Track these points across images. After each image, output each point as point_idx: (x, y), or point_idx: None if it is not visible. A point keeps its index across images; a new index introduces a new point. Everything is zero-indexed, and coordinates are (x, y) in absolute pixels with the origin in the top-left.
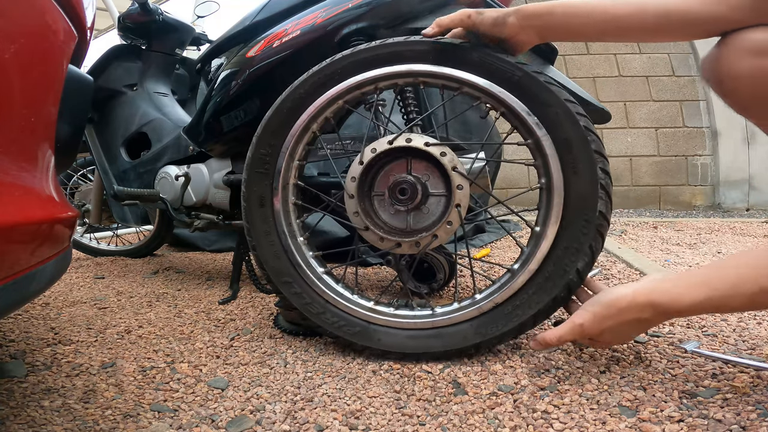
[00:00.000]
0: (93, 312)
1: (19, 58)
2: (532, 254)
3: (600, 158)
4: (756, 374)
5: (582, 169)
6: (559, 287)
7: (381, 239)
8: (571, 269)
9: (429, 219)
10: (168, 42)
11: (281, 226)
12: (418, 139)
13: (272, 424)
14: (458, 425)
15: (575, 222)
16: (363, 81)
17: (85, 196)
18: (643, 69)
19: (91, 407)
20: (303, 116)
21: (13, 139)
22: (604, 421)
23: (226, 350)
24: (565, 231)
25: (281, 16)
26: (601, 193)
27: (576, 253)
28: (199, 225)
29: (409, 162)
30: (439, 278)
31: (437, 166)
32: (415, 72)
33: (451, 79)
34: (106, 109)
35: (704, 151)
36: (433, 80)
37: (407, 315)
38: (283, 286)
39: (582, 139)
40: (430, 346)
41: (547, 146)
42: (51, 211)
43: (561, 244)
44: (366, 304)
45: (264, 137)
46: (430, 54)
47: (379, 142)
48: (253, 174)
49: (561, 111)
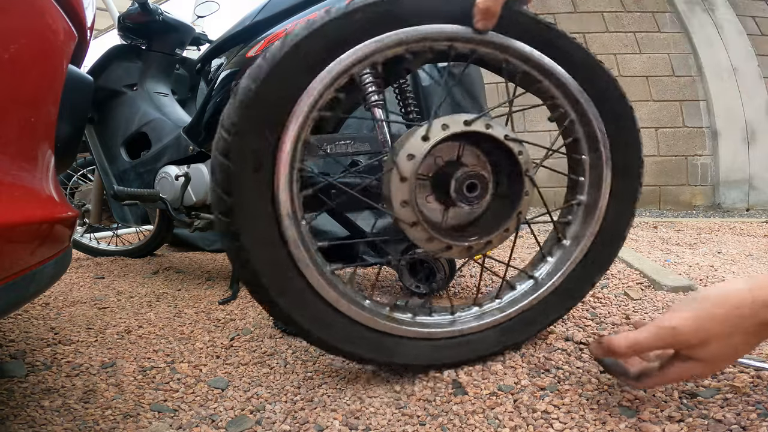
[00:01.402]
0: (93, 312)
1: (19, 58)
2: (558, 268)
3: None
4: (756, 374)
5: (622, 190)
6: (578, 298)
7: (430, 239)
8: (592, 281)
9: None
10: (168, 42)
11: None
12: (498, 128)
13: (272, 424)
14: (458, 425)
15: (609, 240)
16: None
17: (85, 196)
18: (643, 69)
19: (91, 407)
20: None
21: (13, 139)
22: (604, 421)
23: (226, 350)
24: (595, 247)
25: (281, 16)
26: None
27: (601, 267)
28: (199, 225)
29: (480, 152)
30: (439, 278)
31: (507, 165)
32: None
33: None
34: (106, 109)
35: (704, 151)
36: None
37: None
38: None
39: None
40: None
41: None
42: (51, 211)
43: (589, 260)
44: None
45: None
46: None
47: (453, 119)
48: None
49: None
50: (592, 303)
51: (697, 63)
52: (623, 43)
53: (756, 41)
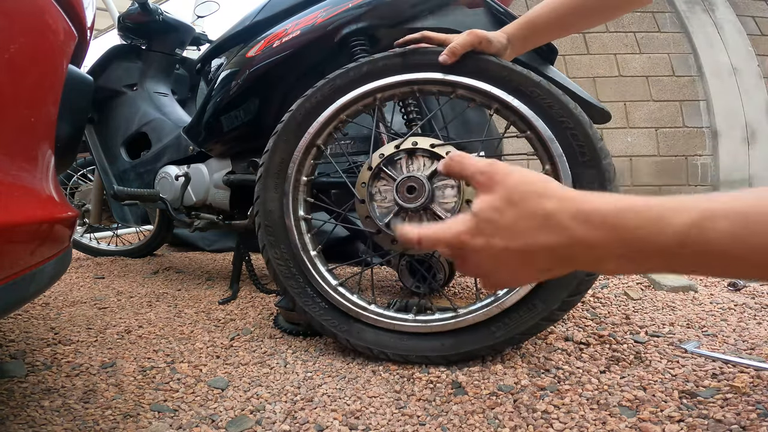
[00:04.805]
0: (93, 312)
1: (20, 58)
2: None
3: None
4: (756, 374)
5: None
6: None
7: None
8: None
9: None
10: (168, 42)
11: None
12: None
13: (272, 424)
14: (458, 425)
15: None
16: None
17: (85, 196)
18: (643, 69)
19: (91, 407)
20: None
21: (13, 139)
22: (604, 421)
23: (226, 350)
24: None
25: (281, 16)
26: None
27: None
28: (199, 225)
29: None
30: (439, 278)
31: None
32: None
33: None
34: (106, 109)
35: (704, 151)
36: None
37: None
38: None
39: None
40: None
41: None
42: (51, 211)
43: None
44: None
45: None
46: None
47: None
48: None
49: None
50: (592, 303)
51: (697, 63)
52: (623, 43)
53: (756, 41)
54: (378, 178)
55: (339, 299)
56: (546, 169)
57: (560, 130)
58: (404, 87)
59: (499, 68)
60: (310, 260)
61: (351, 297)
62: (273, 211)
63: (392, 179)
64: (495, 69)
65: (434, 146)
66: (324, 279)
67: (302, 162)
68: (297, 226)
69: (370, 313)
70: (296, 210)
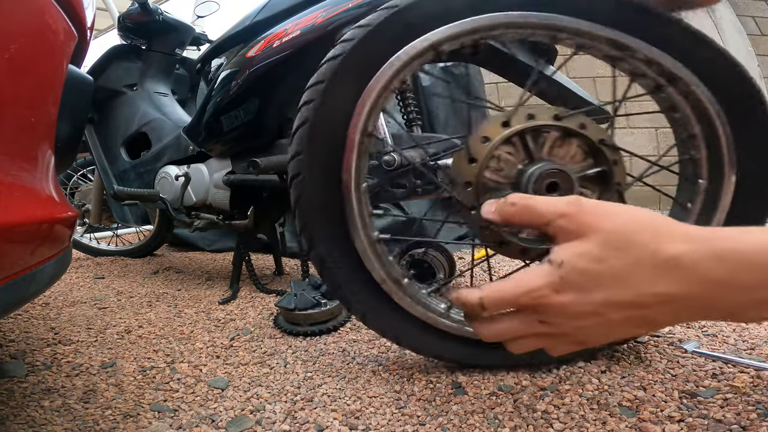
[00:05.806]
0: (93, 312)
1: (20, 58)
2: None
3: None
4: (756, 374)
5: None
6: None
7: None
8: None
9: None
10: (168, 42)
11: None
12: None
13: (272, 424)
14: (458, 425)
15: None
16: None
17: (85, 196)
18: None
19: (91, 407)
20: None
21: (13, 139)
22: (604, 421)
23: (226, 350)
24: None
25: (281, 16)
26: None
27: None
28: (199, 225)
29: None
30: (439, 278)
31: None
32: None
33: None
34: (106, 109)
35: None
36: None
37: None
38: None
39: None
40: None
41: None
42: (51, 211)
43: None
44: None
45: None
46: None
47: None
48: None
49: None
50: None
51: None
52: None
53: (756, 41)
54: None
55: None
56: (693, 132)
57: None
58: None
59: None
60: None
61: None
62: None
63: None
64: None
65: (560, 118)
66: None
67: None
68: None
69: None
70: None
